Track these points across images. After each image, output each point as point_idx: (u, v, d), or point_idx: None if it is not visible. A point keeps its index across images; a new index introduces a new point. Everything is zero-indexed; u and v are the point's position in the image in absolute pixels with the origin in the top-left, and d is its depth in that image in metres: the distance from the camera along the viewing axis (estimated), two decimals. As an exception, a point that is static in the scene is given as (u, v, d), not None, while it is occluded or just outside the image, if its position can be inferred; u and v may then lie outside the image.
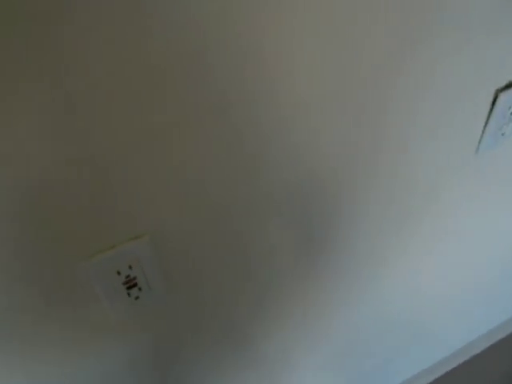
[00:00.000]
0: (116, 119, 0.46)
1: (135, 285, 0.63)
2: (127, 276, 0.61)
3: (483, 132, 0.77)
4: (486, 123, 0.75)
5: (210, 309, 0.73)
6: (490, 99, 0.73)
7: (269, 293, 0.78)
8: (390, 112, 0.64)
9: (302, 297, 0.83)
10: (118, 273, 0.60)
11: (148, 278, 0.63)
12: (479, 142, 0.78)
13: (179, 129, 0.51)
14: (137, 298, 0.64)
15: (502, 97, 0.72)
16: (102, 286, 0.60)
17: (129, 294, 0.63)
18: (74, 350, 0.66)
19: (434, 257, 0.98)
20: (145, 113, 0.47)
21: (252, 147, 0.57)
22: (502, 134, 0.79)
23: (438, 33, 0.59)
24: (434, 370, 1.49)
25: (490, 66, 0.68)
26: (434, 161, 0.76)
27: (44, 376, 0.67)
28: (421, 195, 0.80)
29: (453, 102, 0.69)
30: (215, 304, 0.73)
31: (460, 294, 1.20)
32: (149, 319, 0.69)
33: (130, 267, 0.61)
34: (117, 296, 0.62)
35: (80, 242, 0.55)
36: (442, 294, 1.15)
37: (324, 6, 0.49)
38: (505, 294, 1.36)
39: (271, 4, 0.46)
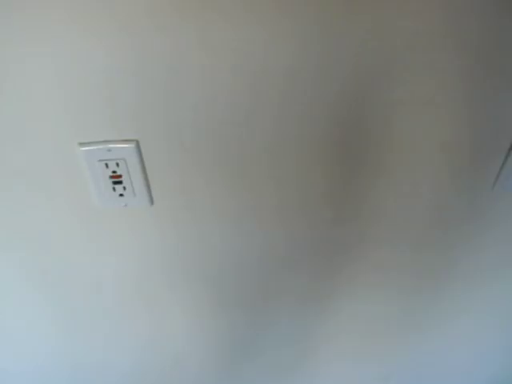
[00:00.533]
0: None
1: (120, 182, 0.71)
2: (114, 172, 0.70)
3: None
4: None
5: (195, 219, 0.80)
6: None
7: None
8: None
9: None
10: (107, 165, 0.69)
11: (132, 181, 0.71)
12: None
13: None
14: (121, 195, 0.73)
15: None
16: (92, 172, 0.70)
17: (114, 189, 0.72)
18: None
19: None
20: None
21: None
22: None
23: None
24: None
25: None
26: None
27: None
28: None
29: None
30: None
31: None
32: (136, 226, 0.78)
33: (118, 165, 0.69)
34: (104, 187, 0.71)
35: (81, 131, 0.65)
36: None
37: None
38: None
39: None
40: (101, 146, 0.67)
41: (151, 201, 0.75)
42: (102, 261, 0.84)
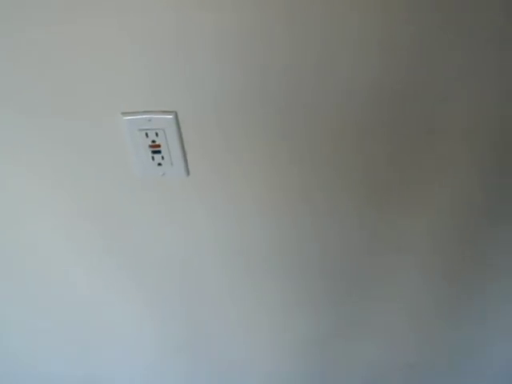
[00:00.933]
0: None
1: (159, 152, 0.76)
2: (153, 141, 0.74)
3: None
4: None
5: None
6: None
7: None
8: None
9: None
10: (147, 135, 0.73)
11: (170, 151, 0.75)
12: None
13: None
14: (159, 164, 0.77)
15: None
16: (133, 141, 0.74)
17: (153, 158, 0.76)
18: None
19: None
20: None
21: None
22: None
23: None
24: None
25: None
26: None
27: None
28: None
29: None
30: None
31: None
32: (173, 196, 0.82)
33: (157, 135, 0.73)
34: (144, 154, 0.76)
35: (124, 101, 0.69)
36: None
37: None
38: None
39: None
40: (142, 116, 0.72)
41: (187, 171, 0.79)
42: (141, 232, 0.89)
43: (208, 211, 0.85)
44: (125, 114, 0.72)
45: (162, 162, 0.77)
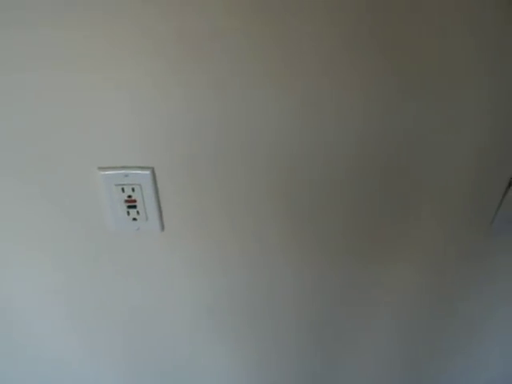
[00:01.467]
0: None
1: (135, 207, 0.75)
2: (129, 196, 0.74)
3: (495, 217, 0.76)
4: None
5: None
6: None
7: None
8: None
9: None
10: (123, 190, 0.73)
11: (146, 206, 0.75)
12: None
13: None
14: (134, 219, 0.77)
15: None
16: (109, 196, 0.74)
17: (128, 213, 0.76)
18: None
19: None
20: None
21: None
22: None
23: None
24: None
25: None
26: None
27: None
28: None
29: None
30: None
31: None
32: (148, 250, 0.81)
33: (133, 190, 0.73)
34: (119, 209, 0.75)
35: (99, 157, 0.69)
36: None
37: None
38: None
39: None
40: (119, 171, 0.72)
41: (162, 226, 0.78)
42: (111, 284, 0.87)
43: (181, 265, 0.84)
44: (101, 168, 0.72)
45: (137, 216, 0.77)
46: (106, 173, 0.72)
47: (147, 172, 0.72)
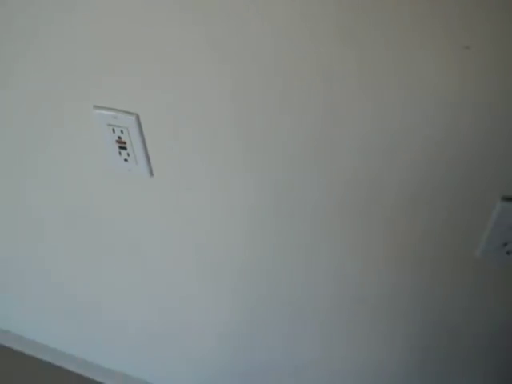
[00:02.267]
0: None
1: (125, 148, 0.81)
2: (119, 137, 0.80)
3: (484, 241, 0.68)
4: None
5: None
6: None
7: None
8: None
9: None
10: (113, 130, 0.79)
11: (134, 149, 0.80)
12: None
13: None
14: (126, 160, 0.82)
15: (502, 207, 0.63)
16: (103, 134, 0.80)
17: (120, 153, 0.82)
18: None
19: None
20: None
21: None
22: (507, 253, 0.67)
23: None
24: None
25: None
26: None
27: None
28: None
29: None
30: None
31: None
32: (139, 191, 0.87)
33: (122, 132, 0.79)
34: (111, 149, 0.81)
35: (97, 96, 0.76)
36: None
37: None
38: None
39: None
40: (108, 112, 0.77)
41: (151, 172, 0.83)
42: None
43: (169, 212, 0.88)
44: (96, 107, 0.78)
45: (127, 158, 0.82)
46: (99, 112, 0.78)
47: (132, 117, 0.76)
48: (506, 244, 0.67)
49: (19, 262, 1.25)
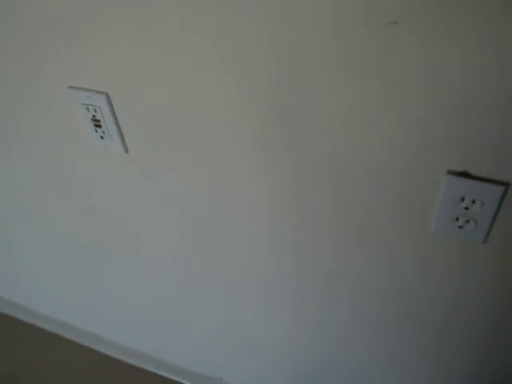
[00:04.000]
0: None
1: (100, 126, 0.85)
2: (94, 116, 0.84)
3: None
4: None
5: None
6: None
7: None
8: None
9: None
10: (88, 109, 0.83)
11: (108, 127, 0.84)
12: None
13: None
14: (102, 137, 0.87)
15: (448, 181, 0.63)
16: (79, 113, 0.84)
17: (96, 131, 0.86)
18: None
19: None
20: None
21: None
22: (460, 227, 0.68)
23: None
24: None
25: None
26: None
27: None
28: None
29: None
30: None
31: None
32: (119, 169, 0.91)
33: (95, 110, 0.83)
34: (88, 126, 0.86)
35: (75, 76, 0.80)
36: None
37: None
38: None
39: None
40: (82, 92, 0.81)
41: (126, 149, 0.87)
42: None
43: (146, 188, 0.92)
44: (71, 87, 0.82)
45: (103, 135, 0.86)
46: (74, 91, 0.82)
47: (103, 96, 0.80)
48: (457, 218, 0.68)
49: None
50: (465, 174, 0.62)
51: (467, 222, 0.67)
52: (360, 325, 0.94)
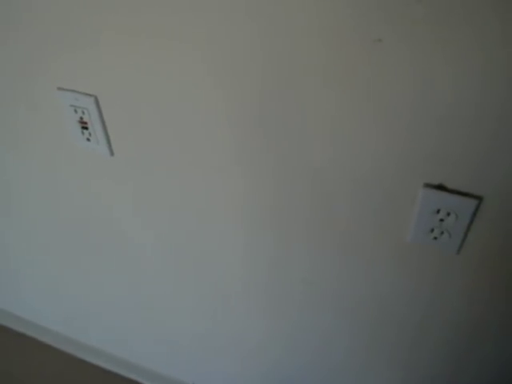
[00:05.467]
0: None
1: (87, 128, 0.86)
2: (81, 118, 0.84)
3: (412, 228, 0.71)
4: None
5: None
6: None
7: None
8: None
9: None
10: (75, 111, 0.84)
11: (95, 130, 0.85)
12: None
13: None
14: (88, 139, 0.87)
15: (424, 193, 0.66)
16: (66, 114, 0.85)
17: (83, 133, 0.87)
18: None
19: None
20: None
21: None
22: (435, 238, 0.70)
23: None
24: None
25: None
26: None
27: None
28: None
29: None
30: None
31: None
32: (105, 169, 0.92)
33: (83, 112, 0.83)
34: (75, 127, 0.86)
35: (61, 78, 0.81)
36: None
37: None
38: None
39: None
40: (70, 94, 0.82)
41: (111, 152, 0.88)
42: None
43: (130, 191, 0.93)
44: (59, 89, 0.83)
45: (90, 138, 0.87)
46: (62, 93, 0.83)
47: (91, 99, 0.81)
48: (432, 230, 0.70)
49: None
50: (441, 187, 0.65)
51: (442, 233, 0.70)
52: (336, 330, 0.96)
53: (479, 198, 0.64)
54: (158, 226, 0.98)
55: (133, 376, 1.53)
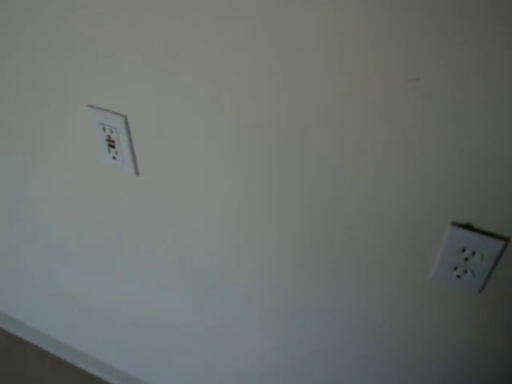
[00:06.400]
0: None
1: (114, 146, 0.87)
2: (109, 136, 0.85)
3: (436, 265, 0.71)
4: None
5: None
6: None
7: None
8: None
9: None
10: (104, 129, 0.85)
11: (122, 149, 0.86)
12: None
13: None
14: (114, 158, 0.88)
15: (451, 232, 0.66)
16: (94, 132, 0.86)
17: (109, 151, 0.88)
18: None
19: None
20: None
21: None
22: (458, 276, 0.70)
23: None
24: None
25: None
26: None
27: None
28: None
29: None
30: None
31: None
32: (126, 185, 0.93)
33: (111, 131, 0.84)
34: (102, 145, 0.87)
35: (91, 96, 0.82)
36: None
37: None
38: None
39: None
40: (100, 112, 0.83)
41: (137, 171, 0.88)
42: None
43: (154, 211, 0.94)
44: (90, 106, 0.84)
45: (116, 156, 0.88)
46: (92, 110, 0.84)
47: (121, 118, 0.82)
48: (456, 268, 0.70)
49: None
50: (468, 227, 0.65)
51: (465, 272, 0.70)
52: (349, 358, 0.95)
53: (506, 240, 0.64)
54: (175, 249, 0.98)
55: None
